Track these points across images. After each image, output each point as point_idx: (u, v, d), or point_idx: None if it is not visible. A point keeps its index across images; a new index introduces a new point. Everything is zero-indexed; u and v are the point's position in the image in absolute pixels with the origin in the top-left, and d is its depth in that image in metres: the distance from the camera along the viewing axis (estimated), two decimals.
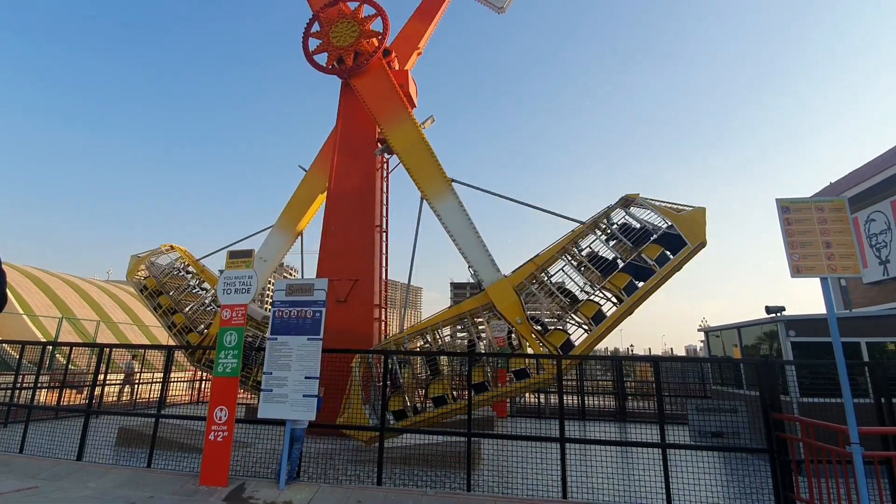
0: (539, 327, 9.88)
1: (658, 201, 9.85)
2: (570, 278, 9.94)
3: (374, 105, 12.89)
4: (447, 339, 10.89)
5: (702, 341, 19.19)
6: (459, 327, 10.99)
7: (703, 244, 8.93)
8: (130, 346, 15.83)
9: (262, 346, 11.15)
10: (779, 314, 10.38)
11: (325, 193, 14.07)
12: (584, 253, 10.05)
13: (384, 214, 13.87)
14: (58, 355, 18.85)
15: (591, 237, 10.17)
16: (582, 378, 9.32)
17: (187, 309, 14.13)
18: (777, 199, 6.44)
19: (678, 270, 9.14)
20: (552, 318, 10.19)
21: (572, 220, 10.61)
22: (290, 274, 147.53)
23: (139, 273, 14.93)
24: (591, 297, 9.55)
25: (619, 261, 9.56)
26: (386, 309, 13.44)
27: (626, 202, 10.15)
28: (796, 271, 5.95)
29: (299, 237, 14.96)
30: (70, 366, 15.36)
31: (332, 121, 14.73)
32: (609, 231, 10.12)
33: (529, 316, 9.94)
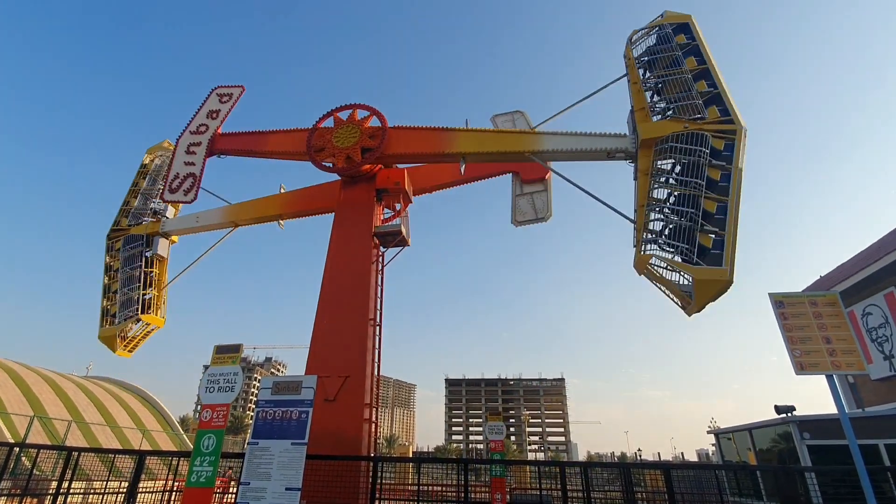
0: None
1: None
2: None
3: (422, 147, 14.44)
4: None
5: (713, 444, 18.07)
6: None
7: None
8: (100, 451, 14.67)
9: None
10: (789, 414, 9.90)
11: (272, 219, 17.00)
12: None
13: (378, 307, 13.77)
14: (24, 458, 17.39)
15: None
16: (588, 488, 8.57)
17: (144, 202, 18.16)
18: (770, 294, 6.49)
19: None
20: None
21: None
22: (279, 369, 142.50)
23: (157, 154, 19.11)
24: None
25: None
26: (377, 408, 12.75)
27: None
28: (800, 368, 5.80)
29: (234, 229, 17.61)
30: (35, 471, 14.09)
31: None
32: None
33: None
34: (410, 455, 59.82)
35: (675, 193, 10.85)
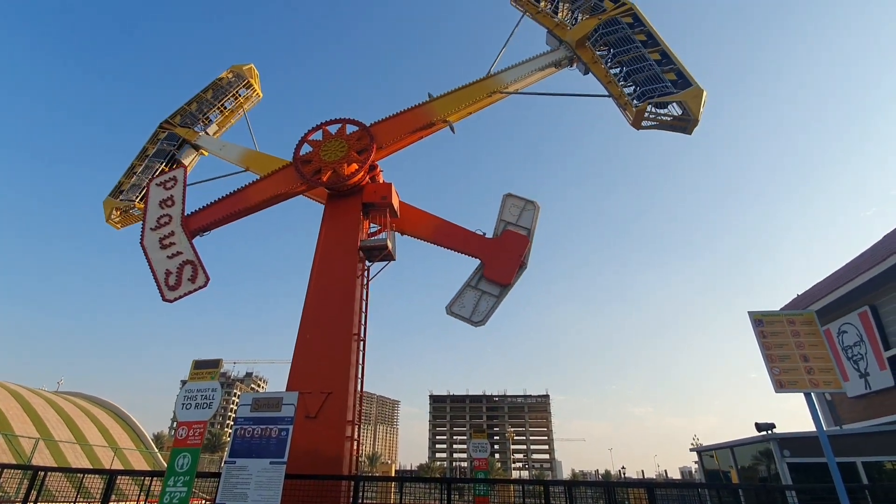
0: None
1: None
2: None
3: (408, 127, 15.45)
4: None
5: (696, 462, 18.13)
6: None
7: None
8: (68, 470, 14.08)
9: None
10: (769, 431, 10.01)
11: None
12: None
13: (362, 322, 13.61)
14: None
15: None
16: None
17: (201, 107, 20.22)
18: (749, 312, 6.60)
19: None
20: None
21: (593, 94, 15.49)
22: (260, 385, 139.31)
23: (238, 72, 20.90)
24: None
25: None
26: (359, 426, 12.52)
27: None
28: (779, 386, 5.87)
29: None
30: None
31: None
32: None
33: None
34: (393, 473, 58.69)
35: (627, 60, 13.83)
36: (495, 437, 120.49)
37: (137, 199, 18.56)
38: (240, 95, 21.01)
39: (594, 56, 14.67)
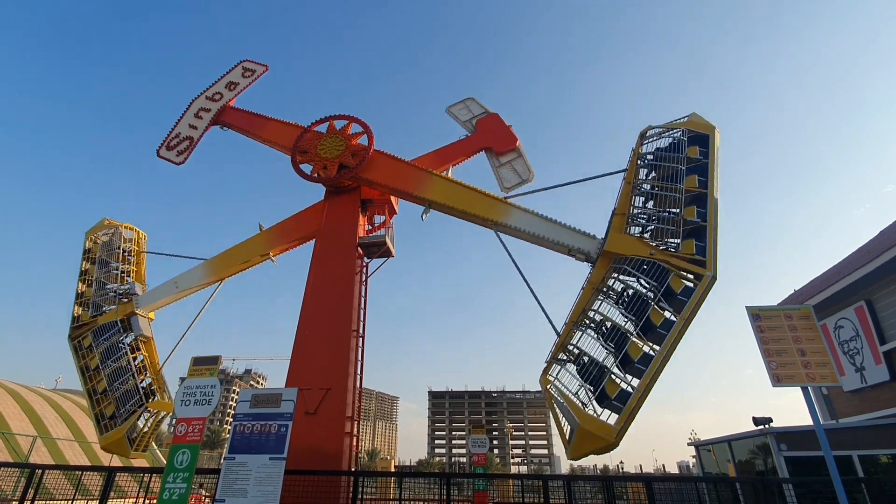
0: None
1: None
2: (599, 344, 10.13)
3: (394, 185, 14.21)
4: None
5: (693, 456, 18.23)
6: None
7: (713, 277, 9.53)
8: (66, 468, 14.07)
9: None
10: (767, 426, 10.07)
11: (259, 260, 15.41)
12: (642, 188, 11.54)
13: (361, 319, 13.62)
14: None
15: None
16: (571, 502, 8.58)
17: (102, 288, 15.69)
18: (747, 307, 6.62)
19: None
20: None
21: (613, 172, 12.31)
22: (259, 382, 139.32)
23: (98, 235, 16.57)
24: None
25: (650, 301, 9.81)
26: (359, 422, 12.55)
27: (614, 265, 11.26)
28: (777, 380, 5.90)
29: (219, 284, 15.66)
30: None
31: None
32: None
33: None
34: (392, 469, 58.88)
35: (608, 324, 9.99)
36: (494, 433, 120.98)
37: (143, 402, 14.09)
38: (124, 251, 16.43)
39: (603, 282, 10.73)
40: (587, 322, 10.26)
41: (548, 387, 9.83)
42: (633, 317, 9.65)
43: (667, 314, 9.42)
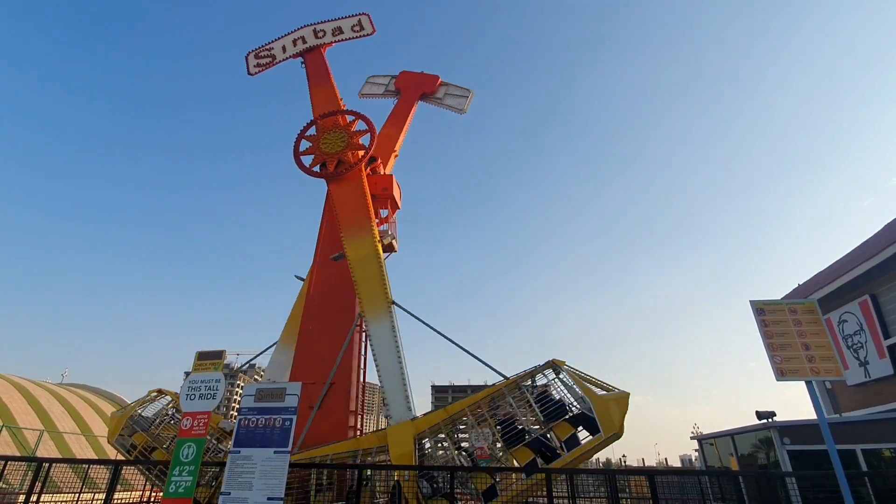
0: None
1: (584, 375, 9.52)
2: (472, 441, 9.33)
3: (342, 212, 13.12)
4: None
5: (696, 450, 18.28)
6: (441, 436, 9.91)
7: (617, 435, 8.28)
8: (73, 461, 14.21)
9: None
10: (770, 420, 10.08)
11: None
12: (498, 411, 9.50)
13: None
14: None
15: (512, 395, 9.63)
16: (574, 495, 8.63)
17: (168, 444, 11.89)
18: (751, 301, 6.60)
19: (587, 458, 8.48)
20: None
21: (499, 373, 10.45)
22: (263, 376, 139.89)
23: (123, 432, 12.57)
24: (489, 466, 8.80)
25: (526, 434, 8.94)
26: (362, 416, 12.61)
27: (555, 367, 9.83)
28: (780, 374, 5.90)
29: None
30: (2, 484, 13.56)
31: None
32: (531, 391, 9.60)
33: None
34: None
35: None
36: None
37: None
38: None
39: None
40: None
41: None
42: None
43: None
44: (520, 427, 9.06)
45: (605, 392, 8.97)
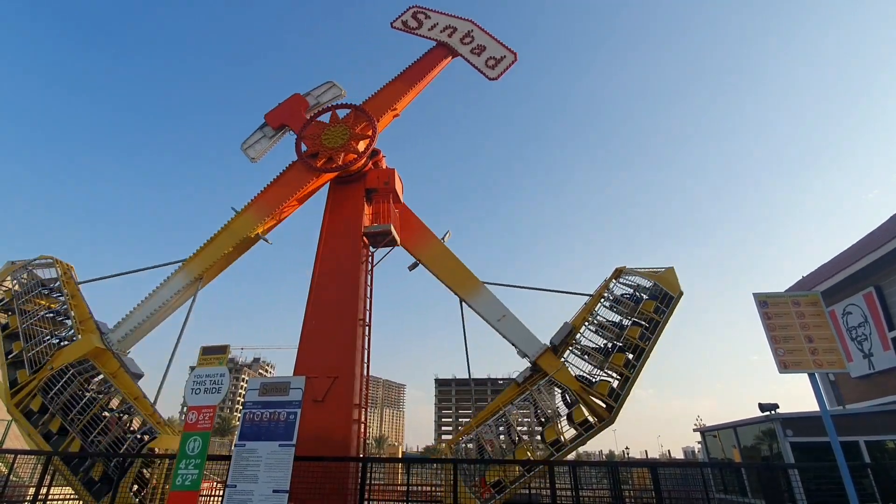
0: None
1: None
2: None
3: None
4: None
5: (699, 442, 18.32)
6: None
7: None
8: (81, 455, 14.30)
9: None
10: (773, 412, 10.09)
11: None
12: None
13: (367, 308, 13.69)
14: (0, 464, 16.91)
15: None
16: (577, 487, 8.68)
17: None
18: (754, 294, 6.59)
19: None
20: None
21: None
22: (267, 370, 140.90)
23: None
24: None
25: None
26: (366, 409, 12.68)
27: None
28: (783, 367, 5.89)
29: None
30: (12, 477, 13.72)
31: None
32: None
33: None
34: (400, 455, 59.69)
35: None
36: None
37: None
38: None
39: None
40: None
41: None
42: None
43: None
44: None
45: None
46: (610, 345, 11.38)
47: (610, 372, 11.20)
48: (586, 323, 11.89)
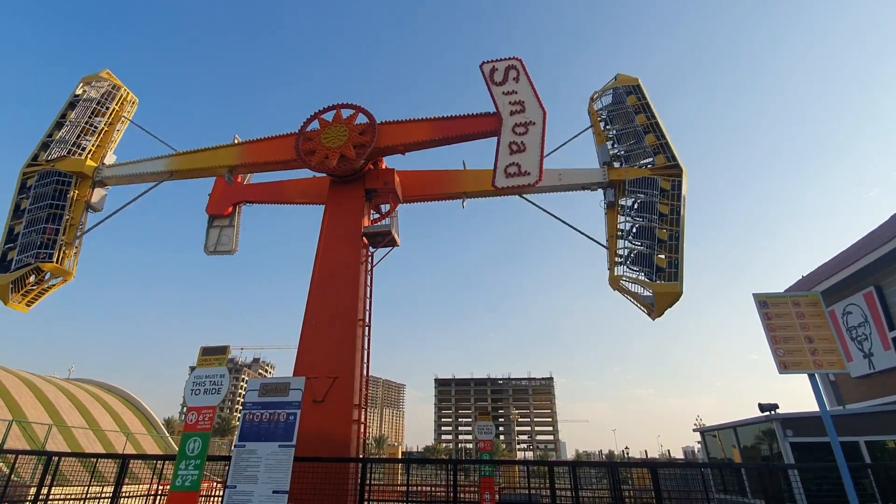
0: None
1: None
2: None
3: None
4: None
5: (699, 442, 18.33)
6: None
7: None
8: (82, 455, 14.38)
9: None
10: (773, 412, 10.08)
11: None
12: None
13: (367, 308, 13.70)
14: (1, 464, 16.96)
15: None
16: (576, 488, 8.71)
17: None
18: (754, 294, 6.58)
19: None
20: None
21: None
22: (267, 370, 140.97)
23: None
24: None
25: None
26: (366, 409, 12.69)
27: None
28: (783, 367, 5.89)
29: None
30: (13, 476, 13.73)
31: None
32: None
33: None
34: (399, 455, 59.70)
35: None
36: (500, 419, 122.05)
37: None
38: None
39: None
40: (620, 233, 13.60)
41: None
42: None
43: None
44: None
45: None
46: (631, 137, 14.17)
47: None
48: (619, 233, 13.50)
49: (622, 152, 14.39)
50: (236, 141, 16.60)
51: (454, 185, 15.57)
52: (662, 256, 12.64)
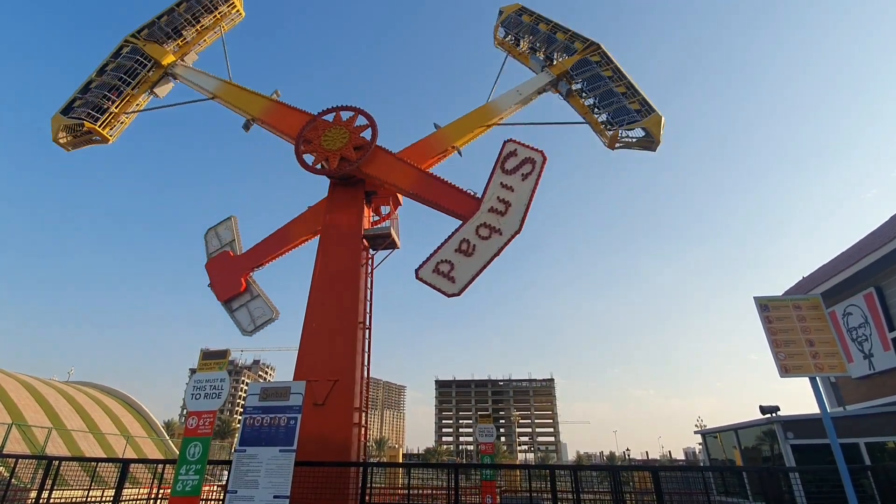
0: None
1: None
2: None
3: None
4: None
5: (700, 443, 18.33)
6: None
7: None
8: (82, 459, 14.36)
9: None
10: (774, 414, 10.08)
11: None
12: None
13: (367, 310, 13.69)
14: (1, 468, 16.92)
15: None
16: (578, 491, 8.70)
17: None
18: (755, 298, 6.58)
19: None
20: None
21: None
22: (267, 373, 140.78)
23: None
24: None
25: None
26: (366, 412, 12.67)
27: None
28: (785, 371, 5.89)
29: None
30: (13, 480, 13.71)
31: None
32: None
33: None
34: (400, 457, 59.65)
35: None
36: (501, 421, 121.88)
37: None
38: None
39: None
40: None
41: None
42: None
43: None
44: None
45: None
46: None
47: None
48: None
49: (550, 54, 17.31)
50: (275, 96, 17.22)
51: (442, 143, 16.09)
52: (632, 102, 15.13)
